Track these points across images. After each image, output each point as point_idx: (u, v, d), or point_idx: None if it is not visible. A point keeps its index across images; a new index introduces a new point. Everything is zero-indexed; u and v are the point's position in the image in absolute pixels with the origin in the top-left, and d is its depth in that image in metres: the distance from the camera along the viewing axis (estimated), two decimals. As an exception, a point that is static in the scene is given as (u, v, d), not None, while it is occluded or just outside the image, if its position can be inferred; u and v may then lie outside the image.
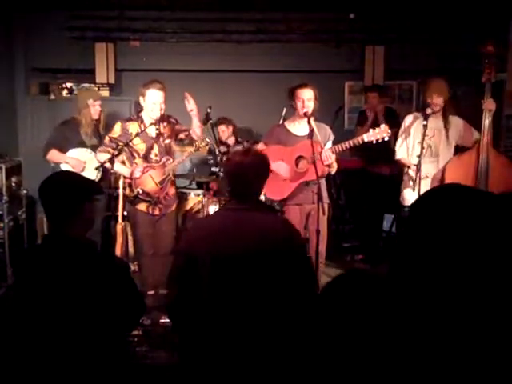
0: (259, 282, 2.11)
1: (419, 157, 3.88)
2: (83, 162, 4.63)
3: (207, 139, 4.04)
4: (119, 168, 3.98)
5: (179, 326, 2.31)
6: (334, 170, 3.96)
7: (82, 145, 4.68)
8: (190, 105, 3.94)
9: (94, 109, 4.67)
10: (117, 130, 3.98)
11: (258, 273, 2.11)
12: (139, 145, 3.97)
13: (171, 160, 4.05)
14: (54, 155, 4.68)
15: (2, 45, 5.76)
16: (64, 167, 4.61)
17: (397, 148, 4.28)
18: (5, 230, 4.63)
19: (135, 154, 3.99)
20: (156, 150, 4.00)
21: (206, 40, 6.11)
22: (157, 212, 4.05)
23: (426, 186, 3.92)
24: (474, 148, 3.97)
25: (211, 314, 2.15)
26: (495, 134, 5.11)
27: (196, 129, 4.01)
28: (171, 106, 4.15)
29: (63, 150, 4.67)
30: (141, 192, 3.95)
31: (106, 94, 5.94)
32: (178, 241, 4.96)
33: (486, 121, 3.87)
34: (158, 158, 4.01)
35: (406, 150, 4.20)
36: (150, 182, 3.97)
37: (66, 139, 4.67)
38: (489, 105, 3.87)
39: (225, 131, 5.70)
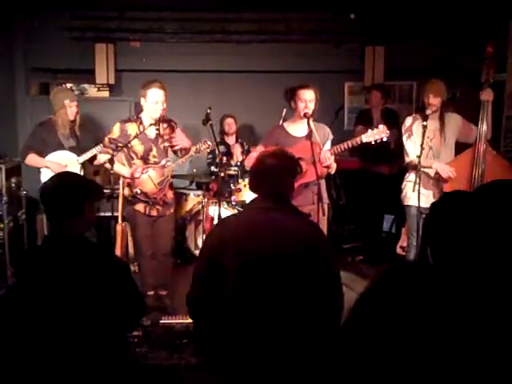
0: (285, 283, 2.08)
1: (419, 157, 3.87)
2: (64, 165, 4.43)
3: (208, 142, 4.04)
4: (119, 168, 3.98)
5: (200, 323, 2.26)
6: (332, 171, 3.95)
7: (60, 147, 4.52)
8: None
9: (71, 110, 4.50)
10: (115, 131, 3.97)
11: (284, 274, 2.08)
12: (137, 146, 3.96)
13: (170, 161, 4.05)
14: (32, 159, 4.49)
15: (2, 45, 5.75)
16: (44, 171, 4.44)
17: (409, 150, 4.09)
18: (5, 231, 4.63)
19: (133, 155, 3.99)
20: (155, 151, 4.00)
21: (205, 40, 6.11)
22: (154, 213, 4.05)
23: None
24: (471, 148, 3.96)
25: (235, 315, 2.11)
26: (495, 135, 5.11)
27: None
28: (171, 107, 4.15)
29: (42, 153, 4.49)
30: (139, 192, 3.95)
31: (106, 94, 5.94)
32: (176, 241, 5.00)
33: (484, 114, 3.82)
34: (156, 160, 4.00)
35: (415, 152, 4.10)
36: (148, 182, 3.97)
37: (43, 142, 4.49)
38: (486, 95, 3.83)
39: (231, 124, 5.69)
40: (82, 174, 4.49)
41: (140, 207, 4.01)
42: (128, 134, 3.94)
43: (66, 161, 4.49)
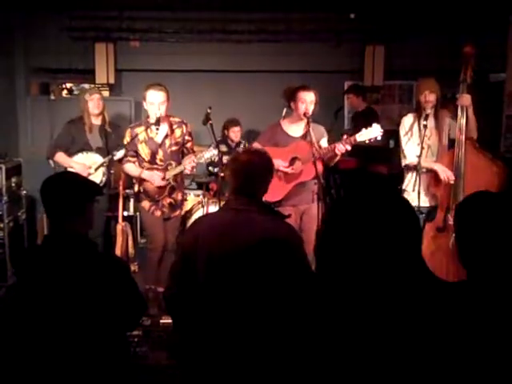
0: (251, 283, 2.10)
1: (419, 157, 3.87)
2: (88, 167, 4.52)
3: (214, 151, 4.04)
4: (130, 167, 4.10)
5: (175, 317, 2.38)
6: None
7: (87, 146, 4.59)
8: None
9: (92, 102, 4.58)
10: (127, 136, 4.10)
11: (251, 275, 2.10)
12: (144, 149, 4.04)
13: (173, 165, 4.08)
14: (60, 158, 4.59)
15: (2, 45, 5.75)
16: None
17: (407, 152, 4.06)
18: (5, 231, 4.63)
19: (141, 158, 4.08)
20: (161, 155, 4.06)
21: (206, 40, 6.11)
22: (158, 214, 4.14)
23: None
24: (455, 146, 3.96)
25: (205, 312, 2.18)
26: (495, 134, 5.11)
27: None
28: (171, 106, 4.16)
29: (69, 150, 4.59)
30: (142, 191, 4.10)
31: (106, 94, 5.95)
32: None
33: (463, 119, 3.84)
34: (162, 164, 4.08)
35: (414, 152, 4.04)
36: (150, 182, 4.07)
37: (72, 139, 4.59)
38: (463, 100, 3.84)
39: (238, 132, 5.71)
40: (105, 176, 4.56)
41: (146, 204, 4.13)
42: (138, 137, 4.02)
43: (91, 163, 4.57)
